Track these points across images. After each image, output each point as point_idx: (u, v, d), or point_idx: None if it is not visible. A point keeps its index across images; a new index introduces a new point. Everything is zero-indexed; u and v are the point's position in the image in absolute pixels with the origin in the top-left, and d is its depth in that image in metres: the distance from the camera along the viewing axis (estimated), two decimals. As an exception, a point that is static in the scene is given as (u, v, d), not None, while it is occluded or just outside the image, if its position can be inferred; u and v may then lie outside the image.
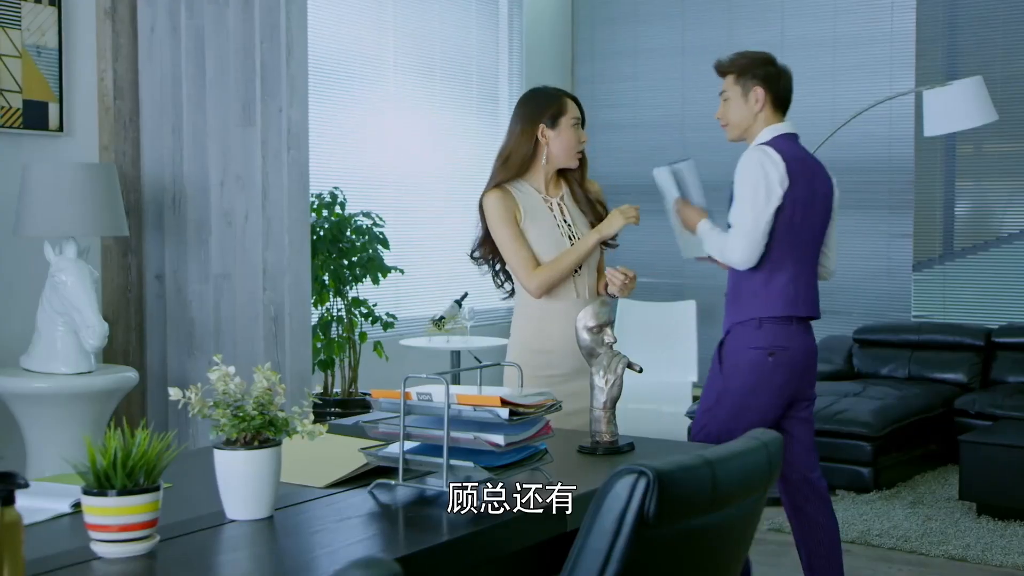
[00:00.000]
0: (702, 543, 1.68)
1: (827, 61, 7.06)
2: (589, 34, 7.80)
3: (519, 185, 3.43)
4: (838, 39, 7.04)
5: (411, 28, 6.58)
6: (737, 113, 3.64)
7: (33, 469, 3.91)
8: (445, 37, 6.82)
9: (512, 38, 7.28)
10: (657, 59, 7.52)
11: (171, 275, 4.69)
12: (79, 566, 1.77)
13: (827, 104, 6.94)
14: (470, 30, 7.01)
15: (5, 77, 4.34)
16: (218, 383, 2.00)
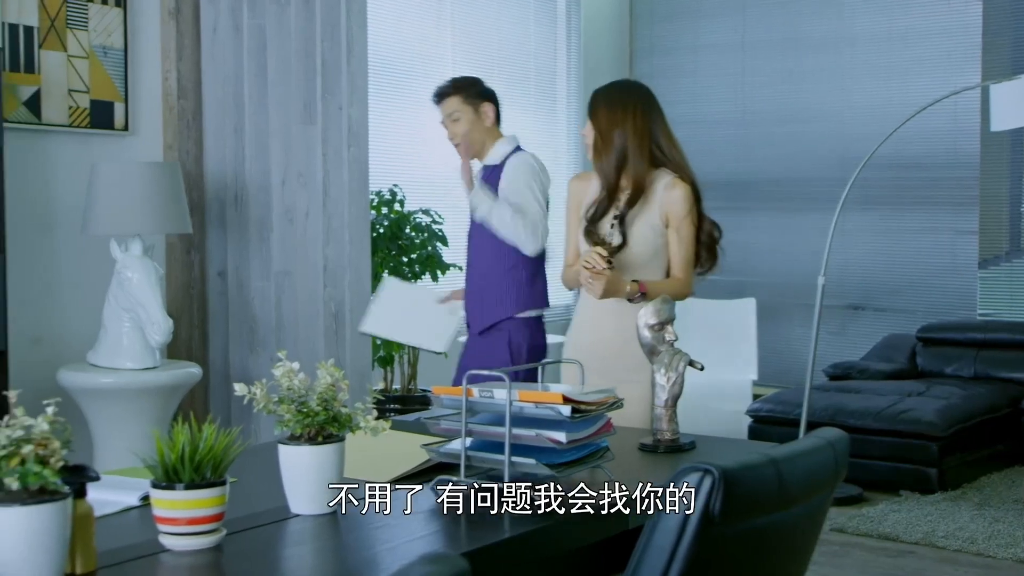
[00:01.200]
0: (767, 542, 1.66)
1: (890, 55, 6.97)
2: (648, 30, 7.76)
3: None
4: (902, 32, 6.94)
5: (469, 25, 6.60)
6: (475, 131, 3.94)
7: (99, 463, 3.98)
8: (503, 34, 6.82)
9: (570, 35, 7.27)
10: (717, 54, 7.47)
11: (233, 272, 4.74)
12: (148, 558, 1.79)
13: (890, 99, 6.84)
14: (528, 27, 7.01)
15: (73, 78, 4.42)
16: (282, 379, 2.02)
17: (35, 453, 1.60)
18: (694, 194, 3.26)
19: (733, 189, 7.22)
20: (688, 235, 3.25)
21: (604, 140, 3.21)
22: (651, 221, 3.22)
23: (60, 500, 1.62)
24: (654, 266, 3.25)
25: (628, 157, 3.21)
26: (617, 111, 3.22)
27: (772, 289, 7.13)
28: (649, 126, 3.24)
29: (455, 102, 3.97)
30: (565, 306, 7.21)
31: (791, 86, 7.22)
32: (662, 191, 3.23)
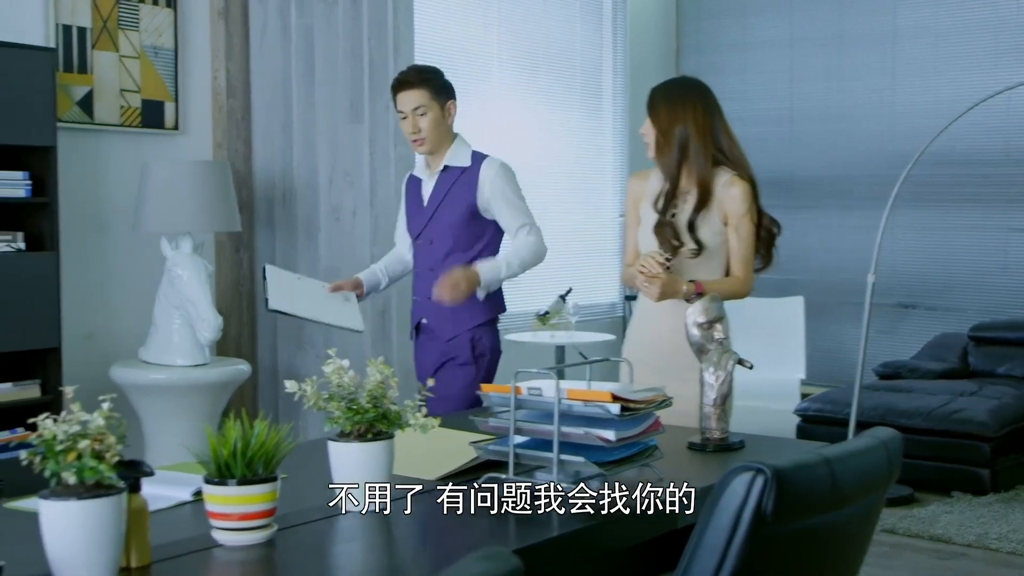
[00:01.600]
0: (820, 543, 1.65)
1: (939, 50, 6.88)
2: (695, 27, 7.72)
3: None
4: (952, 28, 6.85)
5: (515, 23, 6.60)
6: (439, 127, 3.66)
7: (150, 458, 4.02)
8: (549, 32, 6.82)
9: (616, 32, 7.25)
10: (764, 51, 7.42)
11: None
12: (201, 553, 1.81)
13: (940, 95, 6.76)
14: (574, 25, 7.00)
15: (125, 78, 4.47)
16: (333, 376, 2.03)
17: (91, 448, 1.62)
18: (753, 191, 3.23)
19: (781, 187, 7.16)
20: (747, 233, 3.22)
21: (665, 137, 3.18)
22: (710, 219, 3.20)
23: (116, 494, 1.64)
24: (713, 264, 3.23)
25: (690, 154, 3.18)
26: (677, 108, 3.20)
27: (820, 287, 7.07)
28: (710, 123, 3.21)
29: (422, 95, 3.58)
30: (610, 304, 7.20)
31: (839, 83, 7.15)
32: (720, 189, 3.20)
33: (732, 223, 3.20)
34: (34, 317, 3.94)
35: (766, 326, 6.19)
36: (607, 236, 7.21)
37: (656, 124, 3.20)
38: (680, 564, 1.59)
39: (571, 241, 6.96)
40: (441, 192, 3.64)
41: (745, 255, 3.23)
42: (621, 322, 7.08)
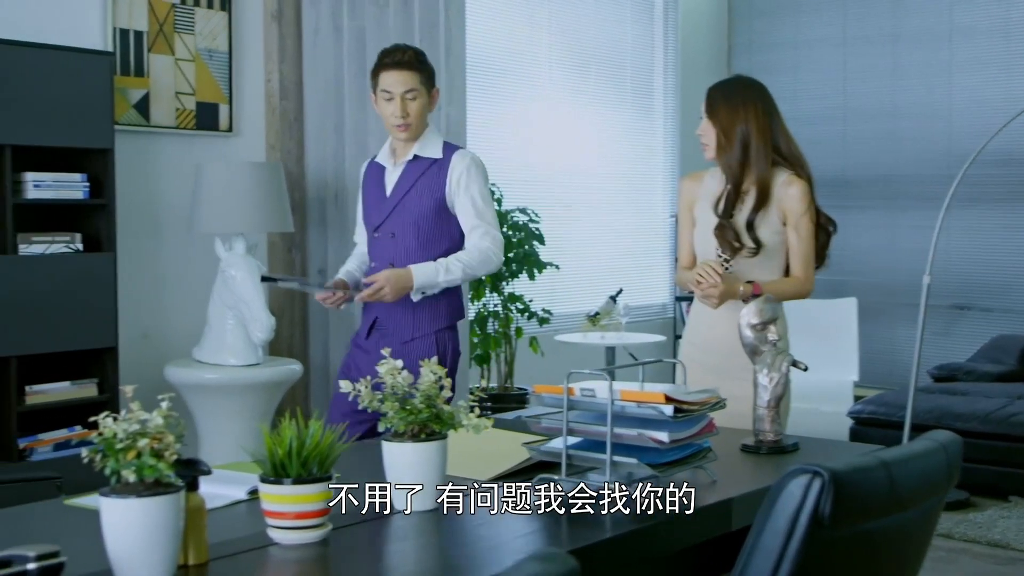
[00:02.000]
0: (878, 547, 1.63)
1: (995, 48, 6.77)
2: (747, 26, 7.67)
3: (716, 171, 3.31)
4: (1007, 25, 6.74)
5: (566, 24, 6.59)
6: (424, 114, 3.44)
7: (204, 457, 4.07)
8: (599, 32, 6.80)
9: (667, 32, 7.22)
10: (817, 50, 7.35)
11: (333, 270, 4.79)
12: (257, 551, 1.83)
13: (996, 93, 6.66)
14: (624, 25, 6.98)
15: (180, 81, 4.52)
16: (386, 376, 2.04)
17: (150, 447, 1.64)
18: (811, 190, 3.21)
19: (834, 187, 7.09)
20: (807, 232, 3.19)
21: (727, 137, 3.16)
22: (769, 219, 3.18)
23: (174, 493, 1.65)
24: (772, 264, 3.20)
25: (751, 154, 3.16)
26: (738, 108, 3.18)
27: (874, 288, 6.99)
28: (769, 123, 3.19)
29: (415, 78, 3.34)
30: (661, 304, 7.17)
31: (894, 81, 7.07)
32: (779, 188, 3.18)
33: (791, 222, 3.17)
34: (91, 317, 4.00)
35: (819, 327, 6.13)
36: (658, 236, 7.18)
37: (717, 124, 3.17)
38: (736, 567, 1.58)
39: (622, 241, 6.95)
40: (408, 182, 3.41)
41: (805, 255, 3.20)
42: (672, 323, 7.05)
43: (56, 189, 3.95)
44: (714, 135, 3.17)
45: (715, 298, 3.09)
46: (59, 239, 3.96)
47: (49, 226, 4.02)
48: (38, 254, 3.89)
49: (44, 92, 3.85)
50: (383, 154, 3.50)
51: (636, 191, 7.09)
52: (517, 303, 5.67)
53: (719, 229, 3.18)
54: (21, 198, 3.88)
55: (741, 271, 3.18)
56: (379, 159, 3.51)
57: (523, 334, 5.75)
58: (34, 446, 3.94)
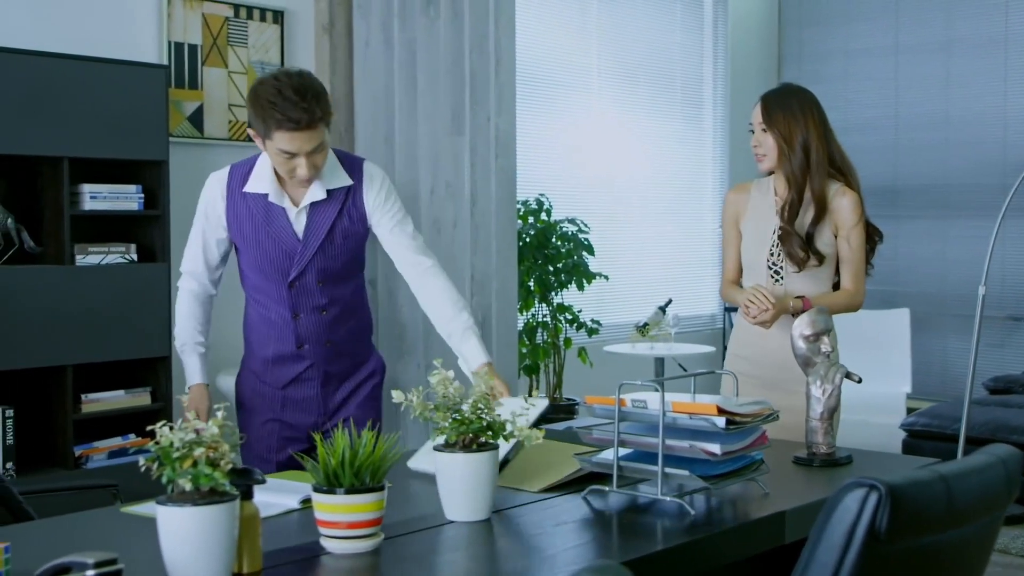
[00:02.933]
0: (935, 562, 1.61)
1: (1054, 56, 6.68)
2: (797, 34, 7.62)
3: (764, 183, 3.29)
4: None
5: (614, 34, 6.59)
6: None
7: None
8: (648, 42, 6.79)
9: (716, 41, 7.19)
10: (869, 58, 7.28)
11: (383, 280, 4.83)
12: (310, 560, 1.84)
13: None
14: (673, 34, 6.96)
15: (233, 93, 4.58)
16: (438, 386, 2.05)
17: (206, 456, 1.66)
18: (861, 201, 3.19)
19: (885, 196, 7.02)
20: (858, 244, 3.17)
21: (789, 145, 3.14)
22: (823, 230, 3.15)
23: (229, 501, 1.67)
24: (823, 276, 3.18)
25: (812, 161, 3.14)
26: (797, 116, 3.15)
27: (926, 299, 6.91)
28: (825, 132, 3.18)
29: (323, 132, 2.68)
30: (711, 315, 7.13)
31: (947, 90, 6.98)
32: (832, 199, 3.16)
33: (843, 234, 3.15)
34: (145, 326, 4.05)
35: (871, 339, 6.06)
36: (707, 246, 7.14)
37: (776, 133, 3.14)
38: (790, 581, 1.57)
39: (671, 252, 6.92)
40: (327, 221, 2.83)
41: (856, 266, 3.17)
42: (721, 334, 7.01)
43: (112, 200, 4.01)
44: (773, 144, 3.15)
45: (768, 321, 3.08)
46: (115, 249, 4.02)
47: (105, 237, 4.08)
48: (94, 264, 3.95)
49: (100, 105, 3.92)
50: (262, 184, 2.78)
51: (685, 201, 7.06)
52: (566, 313, 5.66)
53: (785, 238, 3.15)
54: (78, 209, 3.94)
55: (792, 284, 3.16)
56: (260, 190, 2.79)
57: (572, 344, 5.74)
58: (89, 453, 3.99)
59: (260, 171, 2.79)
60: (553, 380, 5.70)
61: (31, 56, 3.79)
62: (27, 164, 3.93)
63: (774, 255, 3.18)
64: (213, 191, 2.84)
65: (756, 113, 3.19)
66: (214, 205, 2.85)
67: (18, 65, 3.74)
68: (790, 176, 3.16)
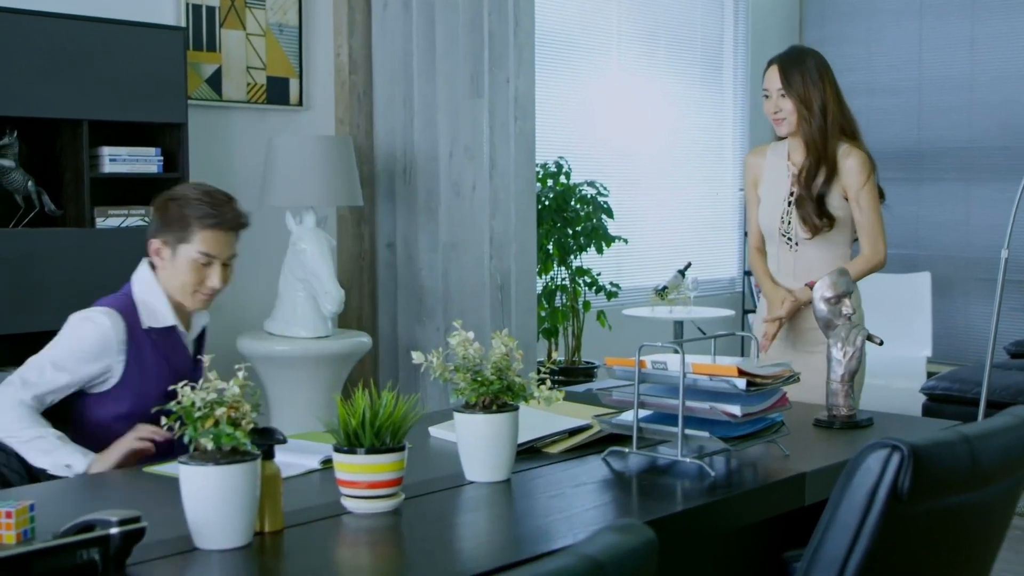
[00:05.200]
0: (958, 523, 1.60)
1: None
2: (819, -4, 7.53)
3: (779, 146, 3.27)
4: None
5: (635, -4, 6.53)
6: None
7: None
8: (668, 3, 6.73)
9: (737, 3, 7.11)
10: (892, 19, 7.19)
11: (402, 244, 4.83)
12: (331, 519, 1.85)
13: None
14: (694, -4, 6.89)
15: (251, 55, 4.56)
16: (458, 348, 2.05)
17: (227, 416, 1.66)
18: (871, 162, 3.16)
19: (908, 159, 6.96)
20: (869, 205, 3.15)
21: (808, 108, 3.12)
22: (834, 193, 3.14)
23: (251, 461, 1.68)
24: (837, 240, 3.18)
25: (829, 123, 3.13)
26: (814, 78, 3.13)
27: (948, 263, 6.86)
28: (837, 94, 3.17)
29: (238, 239, 2.66)
30: (730, 279, 7.10)
31: (972, 51, 6.90)
32: (840, 161, 3.14)
33: (852, 196, 3.14)
34: (166, 289, 4.06)
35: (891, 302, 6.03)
36: (727, 210, 7.11)
37: (794, 96, 3.12)
38: (811, 541, 1.56)
39: (691, 215, 6.89)
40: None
41: (870, 227, 3.16)
42: (740, 297, 6.99)
43: (131, 163, 4.01)
44: (793, 108, 3.13)
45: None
46: (134, 212, 4.02)
47: (124, 200, 4.08)
48: (114, 227, 3.96)
49: (119, 68, 3.91)
50: (161, 315, 2.54)
51: (705, 164, 7.02)
52: (585, 277, 5.65)
53: (800, 203, 3.14)
54: (97, 172, 3.95)
55: (806, 250, 3.18)
56: (161, 323, 2.54)
57: (591, 308, 5.74)
58: (111, 415, 4.02)
59: (149, 303, 2.52)
60: (572, 343, 5.70)
61: (50, 18, 3.78)
62: (47, 127, 3.93)
63: (784, 223, 3.18)
64: (107, 331, 2.45)
65: (772, 79, 3.16)
66: (108, 344, 2.45)
67: (37, 28, 3.73)
68: (810, 140, 3.14)
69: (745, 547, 2.30)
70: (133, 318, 2.51)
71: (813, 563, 1.53)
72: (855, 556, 1.49)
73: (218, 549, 1.67)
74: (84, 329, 2.46)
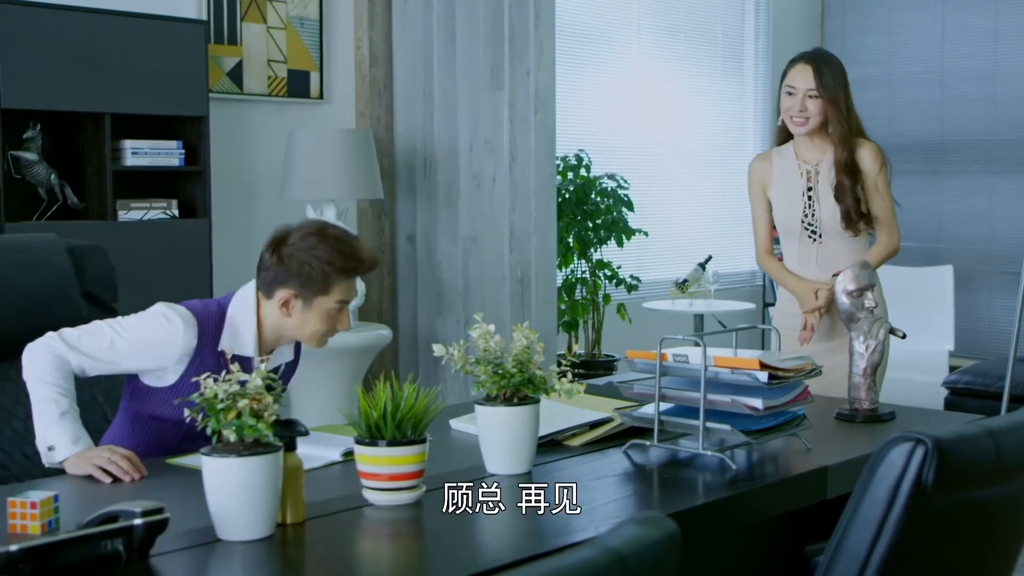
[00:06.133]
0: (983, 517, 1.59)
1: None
2: (840, -13, 7.49)
3: (784, 150, 3.33)
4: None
5: (655, -12, 6.50)
6: None
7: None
8: (689, -4, 6.70)
9: (758, -6, 7.08)
10: (914, 10, 7.14)
11: (422, 237, 4.84)
12: (353, 511, 1.85)
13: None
14: (715, -12, 6.86)
15: (272, 49, 4.57)
16: (479, 340, 2.05)
17: (250, 407, 1.67)
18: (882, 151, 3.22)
19: (930, 152, 6.92)
20: (885, 191, 3.23)
21: (837, 107, 3.16)
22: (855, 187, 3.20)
23: (273, 452, 1.69)
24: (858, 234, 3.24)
25: (852, 124, 3.18)
26: (842, 80, 3.21)
27: (971, 256, 6.81)
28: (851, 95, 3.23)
29: None
30: (750, 272, 7.08)
31: (996, 42, 6.84)
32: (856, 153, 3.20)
33: (870, 184, 3.20)
34: (186, 281, 4.07)
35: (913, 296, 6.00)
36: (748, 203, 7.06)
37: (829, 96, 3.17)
38: (834, 535, 1.56)
39: (711, 208, 6.87)
40: (285, 381, 2.49)
41: (886, 216, 3.25)
42: (761, 291, 6.96)
43: (153, 156, 4.03)
44: (819, 109, 3.16)
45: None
46: (156, 205, 4.04)
47: (146, 193, 4.10)
48: (136, 220, 3.98)
49: (140, 61, 3.92)
50: (243, 345, 2.39)
51: (726, 157, 6.99)
52: (605, 270, 5.65)
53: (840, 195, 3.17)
54: (120, 165, 3.96)
55: (830, 241, 3.23)
56: (237, 351, 2.34)
57: (611, 301, 5.73)
58: (133, 407, 4.04)
59: (238, 329, 2.40)
60: (592, 336, 5.69)
61: (73, 12, 3.80)
62: (70, 120, 3.95)
63: (808, 216, 3.22)
64: (178, 337, 2.33)
65: (805, 77, 3.18)
66: (172, 350, 2.33)
67: (60, 22, 3.75)
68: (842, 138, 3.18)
69: (766, 541, 2.29)
70: (212, 335, 2.37)
71: (836, 556, 1.53)
72: (878, 550, 1.48)
73: (240, 540, 1.67)
74: (158, 323, 2.33)
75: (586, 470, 2.12)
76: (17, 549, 1.46)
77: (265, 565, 1.65)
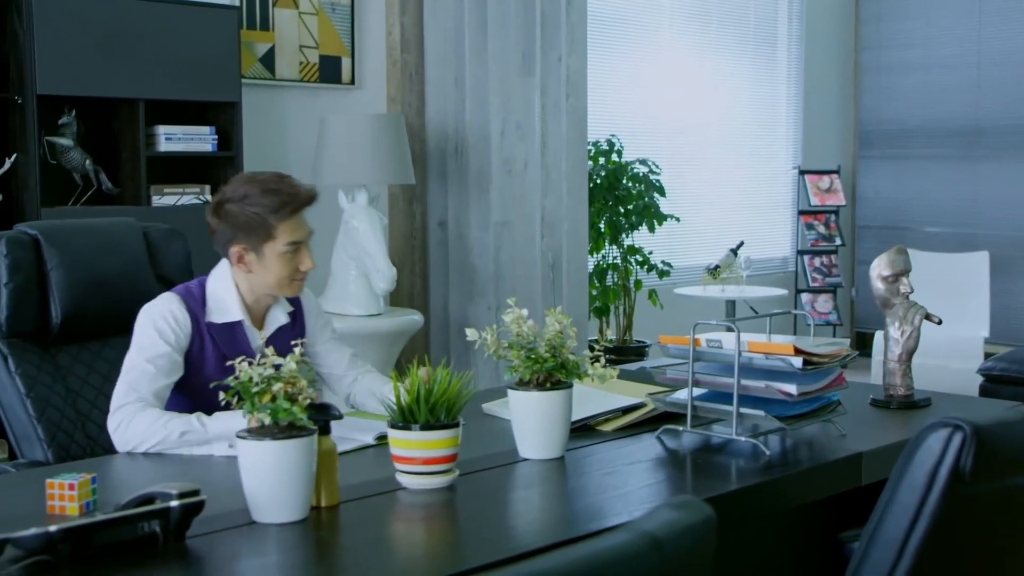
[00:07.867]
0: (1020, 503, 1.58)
1: None
2: (875, -30, 7.41)
3: None
4: None
5: (687, -28, 6.46)
6: None
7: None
8: (722, -20, 6.65)
9: (792, -22, 7.02)
10: (951, -6, 7.06)
11: (453, 222, 4.84)
12: (387, 495, 1.86)
13: None
14: (748, -28, 6.81)
15: (304, 34, 4.58)
16: (512, 325, 2.05)
17: (284, 391, 1.68)
18: None
19: (966, 137, 6.84)
20: None
21: None
22: None
23: (307, 436, 1.69)
24: None
25: None
26: None
27: (1007, 242, 6.74)
28: None
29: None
30: (782, 258, 7.04)
31: (1033, 26, 6.75)
32: None
33: None
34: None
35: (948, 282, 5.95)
36: (780, 189, 7.03)
37: None
38: (870, 521, 1.55)
39: (743, 194, 6.83)
40: (285, 346, 2.04)
41: None
42: (793, 277, 6.92)
43: (186, 142, 4.05)
44: None
45: None
46: (189, 191, 4.06)
47: (179, 178, 4.12)
48: (170, 205, 4.00)
49: (174, 47, 3.94)
50: (229, 311, 2.41)
51: (758, 143, 6.95)
52: (637, 255, 5.63)
53: None
54: (153, 151, 3.99)
55: None
56: (226, 319, 2.40)
57: (642, 286, 5.72)
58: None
59: (219, 296, 2.41)
60: (623, 322, 5.68)
61: (106, -2, 3.82)
62: (104, 106, 3.98)
63: None
64: (176, 314, 2.35)
65: None
66: (177, 316, 2.35)
67: (95, 8, 3.77)
68: None
69: (801, 527, 2.28)
70: (198, 310, 2.39)
71: (872, 542, 1.52)
72: (915, 536, 1.47)
73: (275, 523, 1.68)
74: (151, 318, 2.33)
75: (619, 455, 2.12)
76: (56, 530, 1.47)
77: (299, 547, 1.66)
